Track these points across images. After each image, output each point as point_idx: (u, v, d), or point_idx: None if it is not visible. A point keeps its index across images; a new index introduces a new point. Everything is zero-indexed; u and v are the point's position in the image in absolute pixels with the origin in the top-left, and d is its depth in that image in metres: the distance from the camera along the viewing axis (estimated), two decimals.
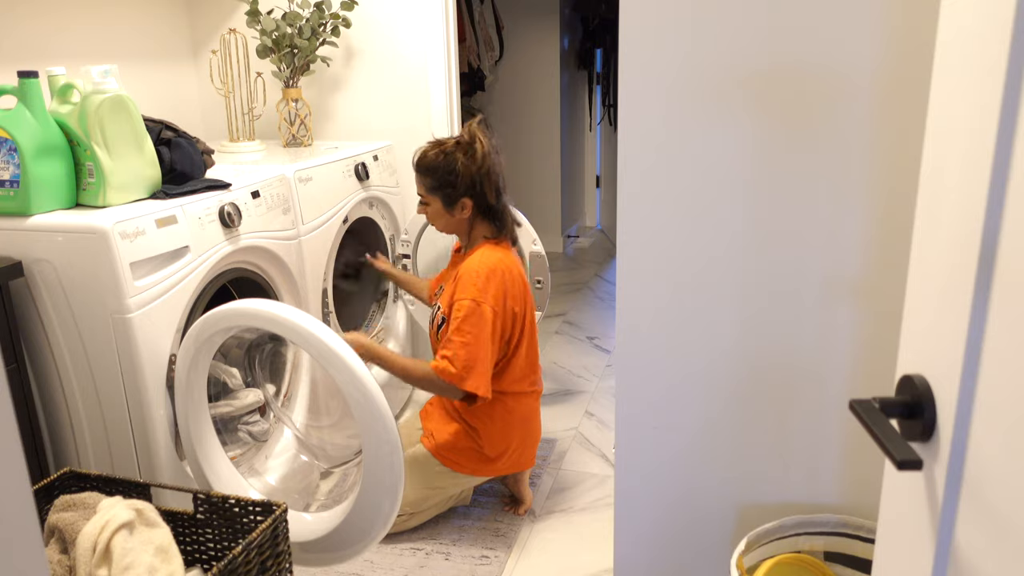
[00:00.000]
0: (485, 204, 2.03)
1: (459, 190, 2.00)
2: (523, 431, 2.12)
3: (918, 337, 0.74)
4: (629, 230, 1.33)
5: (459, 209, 2.03)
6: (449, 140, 2.04)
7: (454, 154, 1.99)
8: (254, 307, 1.61)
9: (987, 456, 0.62)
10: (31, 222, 1.62)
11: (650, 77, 1.25)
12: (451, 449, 2.09)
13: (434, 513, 2.14)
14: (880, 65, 1.15)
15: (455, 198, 2.02)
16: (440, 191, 2.02)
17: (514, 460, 2.13)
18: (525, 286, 2.08)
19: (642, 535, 1.49)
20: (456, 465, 2.08)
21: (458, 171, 1.98)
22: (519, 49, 4.75)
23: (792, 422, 1.34)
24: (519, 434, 2.11)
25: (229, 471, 1.81)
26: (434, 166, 2.00)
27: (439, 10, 2.65)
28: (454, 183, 1.99)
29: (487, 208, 2.04)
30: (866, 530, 1.32)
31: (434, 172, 2.01)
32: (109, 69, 1.68)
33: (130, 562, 1.30)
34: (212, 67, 2.73)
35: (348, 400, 1.56)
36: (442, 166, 1.99)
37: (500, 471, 2.12)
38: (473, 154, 1.98)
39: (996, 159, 0.61)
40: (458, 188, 2.00)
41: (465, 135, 2.02)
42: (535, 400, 2.18)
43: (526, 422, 2.13)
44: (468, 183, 1.99)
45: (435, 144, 2.03)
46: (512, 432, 2.10)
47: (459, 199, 2.02)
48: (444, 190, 2.01)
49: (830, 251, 1.24)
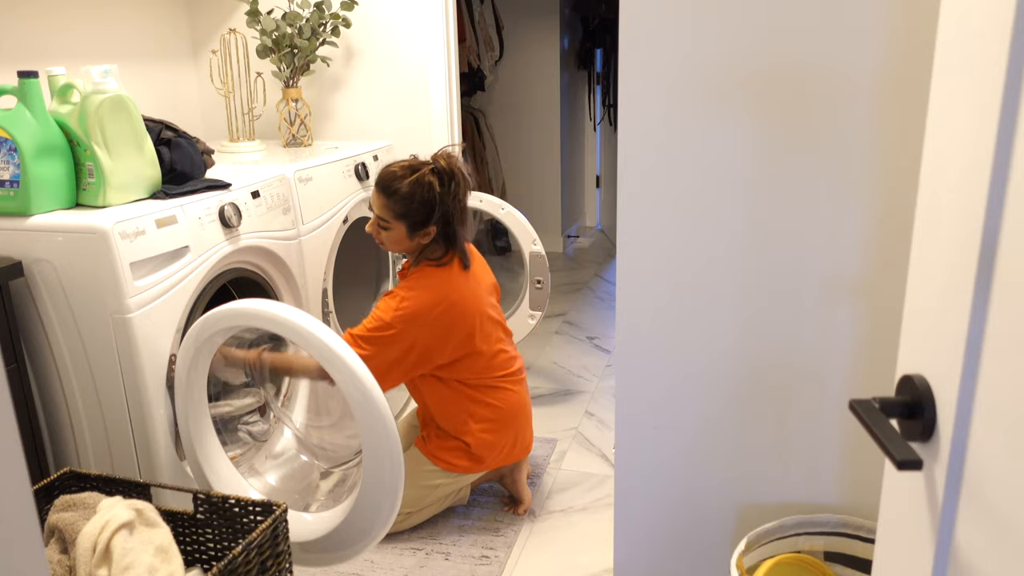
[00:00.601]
0: (448, 231, 1.99)
1: (429, 219, 1.94)
2: (510, 425, 2.12)
3: (918, 337, 0.74)
4: (629, 230, 1.33)
5: (422, 235, 1.97)
6: (423, 166, 1.94)
7: (432, 186, 1.91)
8: (254, 307, 1.61)
9: (987, 456, 0.62)
10: (31, 222, 1.62)
11: (650, 77, 1.25)
12: (441, 448, 2.09)
13: (432, 512, 2.14)
14: (880, 65, 1.15)
15: (422, 225, 1.95)
16: (408, 219, 1.94)
17: (505, 454, 2.13)
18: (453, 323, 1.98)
19: (642, 535, 1.49)
20: (447, 465, 2.09)
21: (435, 204, 1.92)
22: (519, 49, 4.75)
23: (792, 422, 1.34)
24: (506, 429, 2.11)
25: (229, 471, 1.81)
26: (408, 195, 1.91)
27: (439, 10, 2.65)
28: (427, 215, 1.93)
29: (448, 235, 2.00)
30: (866, 530, 1.32)
31: (408, 201, 1.91)
32: (109, 69, 1.68)
33: (130, 562, 1.30)
34: (212, 67, 2.73)
35: (348, 400, 1.56)
36: (418, 197, 1.91)
37: (492, 466, 2.13)
38: (456, 190, 1.94)
39: (996, 159, 0.61)
40: (430, 219, 1.94)
41: (443, 163, 1.95)
42: (517, 390, 2.14)
43: (513, 416, 2.13)
44: (441, 215, 1.94)
45: (407, 169, 1.93)
46: (498, 428, 2.10)
47: (426, 227, 1.96)
48: (412, 219, 1.93)
49: (830, 251, 1.24)
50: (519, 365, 2.19)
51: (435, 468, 2.09)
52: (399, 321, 1.90)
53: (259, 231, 1.97)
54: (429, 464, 2.09)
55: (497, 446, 2.10)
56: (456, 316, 1.97)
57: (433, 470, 2.09)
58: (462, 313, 1.98)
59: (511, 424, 2.13)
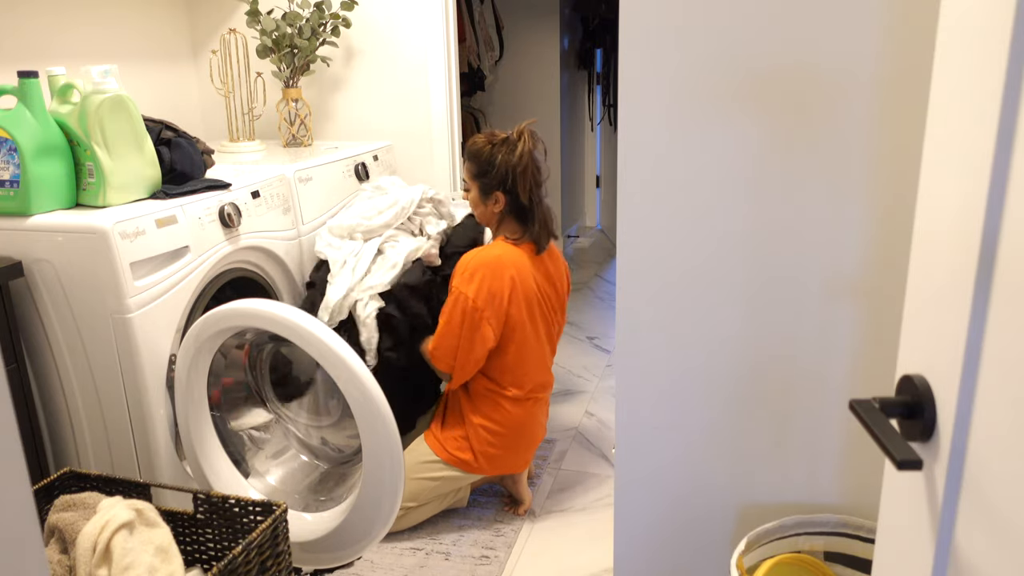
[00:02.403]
0: (517, 203, 2.08)
1: (493, 182, 2.07)
2: (517, 437, 2.12)
3: (918, 337, 0.74)
4: (629, 230, 1.33)
5: (492, 201, 2.09)
6: (500, 135, 2.11)
7: (499, 147, 2.07)
8: (254, 307, 1.61)
9: (987, 456, 0.62)
10: (31, 222, 1.62)
11: (650, 77, 1.25)
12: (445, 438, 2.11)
13: (432, 512, 2.14)
14: (880, 65, 1.15)
15: (490, 189, 2.08)
16: (479, 179, 2.09)
17: (508, 463, 2.13)
18: (529, 290, 2.07)
19: (642, 535, 1.49)
20: (448, 456, 2.09)
21: (496, 163, 2.05)
22: (519, 49, 4.75)
23: (792, 422, 1.35)
24: (512, 439, 2.12)
25: (229, 471, 1.81)
26: (478, 153, 2.08)
27: (439, 10, 2.65)
28: (490, 173, 2.07)
29: (519, 208, 2.09)
30: (866, 530, 1.32)
31: (477, 159, 2.09)
32: (109, 69, 1.68)
33: (130, 562, 1.30)
34: (212, 67, 2.73)
35: (348, 400, 1.56)
36: (484, 155, 2.07)
37: (489, 471, 2.13)
38: (513, 150, 2.05)
39: (996, 159, 0.61)
40: (492, 179, 2.07)
41: (514, 134, 2.09)
42: (532, 408, 2.15)
43: (521, 428, 2.13)
44: (502, 176, 2.05)
45: (488, 135, 2.12)
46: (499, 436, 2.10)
47: (493, 191, 2.08)
48: (482, 178, 2.09)
49: (830, 251, 1.24)
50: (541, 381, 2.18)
51: (435, 459, 2.09)
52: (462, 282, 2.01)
53: (259, 231, 1.97)
54: (430, 454, 2.10)
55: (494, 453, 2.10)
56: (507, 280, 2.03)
57: (433, 461, 2.09)
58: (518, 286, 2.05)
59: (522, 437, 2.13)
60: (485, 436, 2.08)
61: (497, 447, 2.10)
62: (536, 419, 2.18)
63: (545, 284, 2.15)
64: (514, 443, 2.12)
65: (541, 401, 2.20)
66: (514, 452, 2.13)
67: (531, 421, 2.16)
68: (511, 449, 2.12)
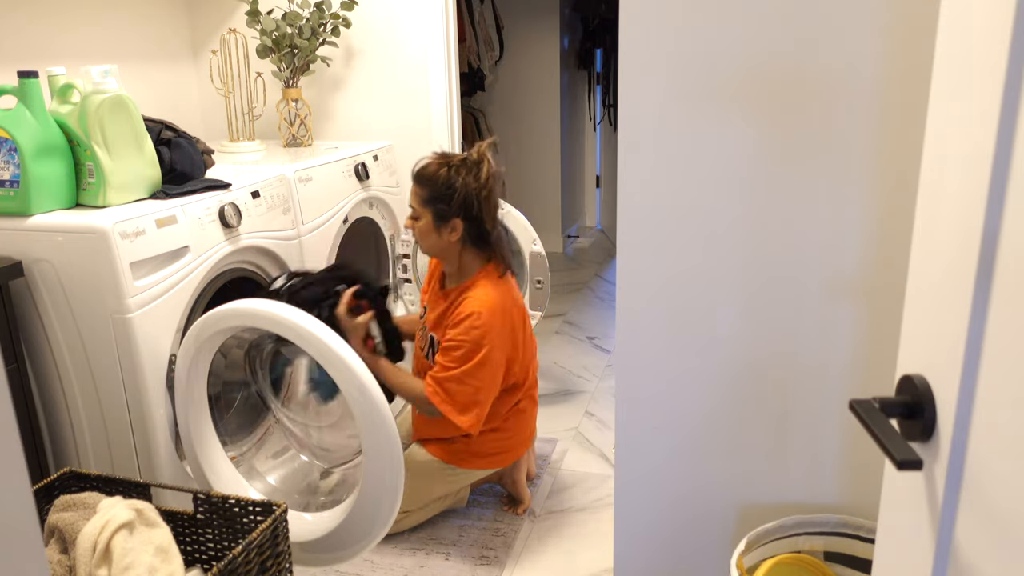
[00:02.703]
0: (477, 230, 1.93)
1: (453, 208, 1.89)
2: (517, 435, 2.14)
3: (918, 337, 0.74)
4: (629, 230, 1.33)
5: (448, 230, 1.92)
6: (456, 156, 1.94)
7: (457, 168, 1.90)
8: (254, 307, 1.61)
9: (987, 456, 0.62)
10: (31, 222, 1.62)
11: (650, 77, 1.25)
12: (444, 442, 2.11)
13: (431, 513, 2.14)
14: (880, 65, 1.15)
15: (447, 216, 1.90)
16: (433, 205, 1.91)
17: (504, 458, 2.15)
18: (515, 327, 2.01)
19: (642, 535, 1.49)
20: (447, 455, 2.09)
21: (456, 187, 1.88)
22: (519, 49, 4.75)
23: (792, 422, 1.34)
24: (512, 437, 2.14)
25: (229, 471, 1.81)
26: (433, 177, 1.90)
27: (439, 10, 2.65)
28: (449, 199, 1.89)
29: (478, 235, 1.94)
30: (866, 530, 1.32)
31: (432, 183, 1.90)
32: (109, 69, 1.68)
33: (130, 562, 1.30)
34: (212, 67, 2.73)
35: (348, 400, 1.56)
36: (441, 178, 1.89)
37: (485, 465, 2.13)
38: (477, 173, 1.89)
39: (996, 159, 0.61)
40: (452, 206, 1.89)
41: (474, 154, 1.93)
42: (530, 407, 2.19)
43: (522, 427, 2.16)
44: (463, 203, 1.89)
45: (440, 156, 1.94)
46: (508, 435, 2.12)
47: (451, 218, 1.91)
48: (437, 205, 1.90)
49: (830, 251, 1.24)
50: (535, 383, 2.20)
51: (432, 459, 2.09)
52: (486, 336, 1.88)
53: (259, 231, 1.97)
54: (427, 457, 2.10)
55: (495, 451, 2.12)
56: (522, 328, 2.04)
57: (431, 462, 2.09)
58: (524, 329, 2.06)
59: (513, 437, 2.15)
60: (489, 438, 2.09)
61: (499, 445, 2.11)
62: (532, 414, 2.21)
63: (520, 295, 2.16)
64: (514, 437, 2.14)
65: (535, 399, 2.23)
66: (514, 446, 2.15)
67: (529, 417, 2.19)
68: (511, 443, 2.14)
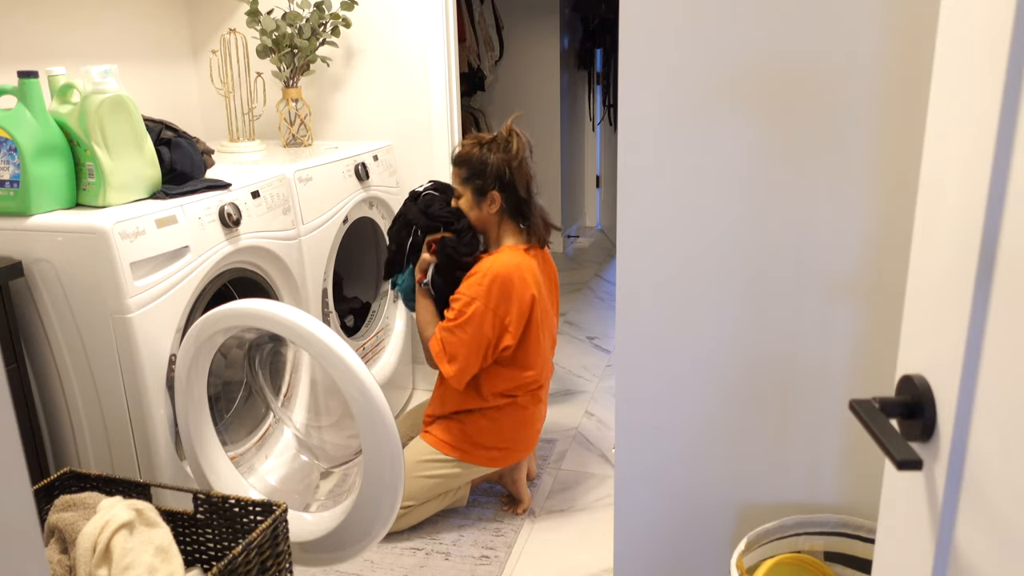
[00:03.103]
0: (514, 200, 2.07)
1: (488, 181, 2.05)
2: (516, 433, 2.13)
3: (918, 337, 0.74)
4: (629, 230, 1.33)
5: (488, 202, 2.07)
6: (487, 136, 2.10)
7: (488, 146, 2.06)
8: (254, 307, 1.61)
9: (987, 456, 0.62)
10: (31, 222, 1.62)
11: (650, 77, 1.25)
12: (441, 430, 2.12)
13: (431, 512, 2.14)
14: (880, 65, 1.15)
15: (484, 190, 2.06)
16: (471, 182, 2.07)
17: (505, 457, 2.14)
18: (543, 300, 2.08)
19: (642, 535, 1.49)
20: (444, 446, 2.10)
21: (489, 162, 2.04)
22: (519, 49, 4.75)
23: (792, 422, 1.34)
24: (512, 436, 2.13)
25: (229, 471, 1.81)
26: (468, 156, 2.07)
27: (439, 10, 2.65)
28: (484, 174, 2.05)
29: (515, 206, 2.08)
30: (866, 530, 1.32)
31: (468, 163, 2.07)
32: (109, 69, 1.68)
33: (130, 562, 1.30)
34: (212, 67, 2.73)
35: (348, 400, 1.56)
36: (475, 157, 2.06)
37: (490, 465, 2.13)
38: (508, 148, 2.05)
39: (996, 159, 0.61)
40: (488, 180, 2.05)
41: (503, 131, 2.08)
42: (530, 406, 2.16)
43: (522, 424, 2.14)
44: (497, 175, 2.04)
45: (473, 138, 2.11)
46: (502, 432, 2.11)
47: (488, 191, 2.06)
48: (475, 181, 2.07)
49: (830, 251, 1.24)
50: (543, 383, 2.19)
51: (431, 450, 2.11)
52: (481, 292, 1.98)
53: (259, 231, 1.97)
54: (429, 451, 2.11)
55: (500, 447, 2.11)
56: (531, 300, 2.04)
57: (430, 456, 2.10)
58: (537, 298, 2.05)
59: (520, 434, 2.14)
60: (486, 428, 2.09)
61: (497, 441, 2.11)
62: (537, 415, 2.19)
63: (548, 286, 2.16)
64: (515, 436, 2.13)
65: (543, 401, 2.21)
66: (515, 446, 2.14)
67: (532, 418, 2.17)
68: (511, 443, 2.13)
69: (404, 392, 2.87)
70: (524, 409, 2.14)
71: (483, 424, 2.10)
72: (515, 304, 2.00)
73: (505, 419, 2.11)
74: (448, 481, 2.12)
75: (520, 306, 2.01)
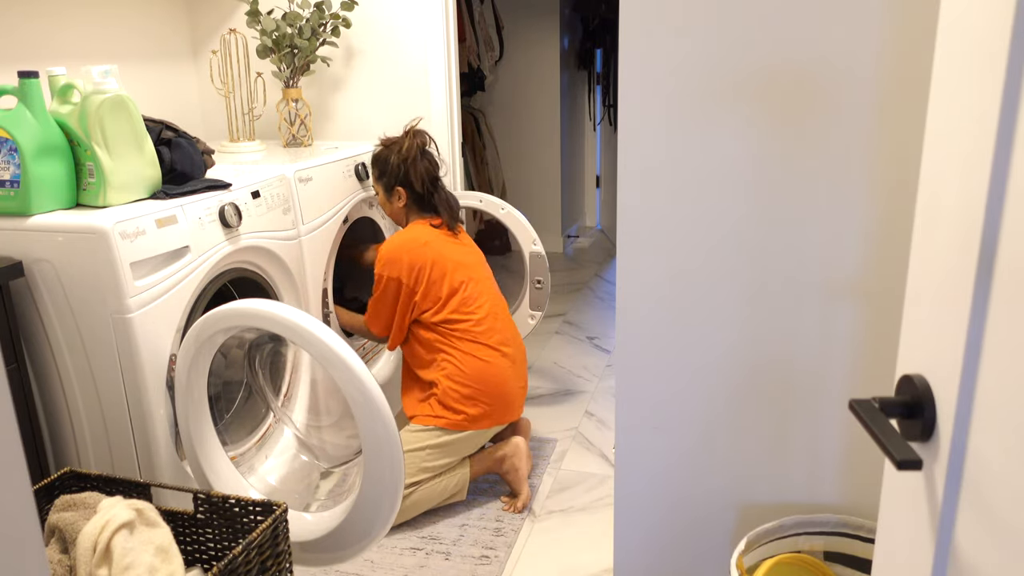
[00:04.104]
0: (416, 194, 2.30)
1: (391, 179, 2.31)
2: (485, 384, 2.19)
3: (918, 337, 0.74)
4: (629, 230, 1.33)
5: (396, 197, 2.32)
6: (395, 137, 2.35)
7: (391, 147, 2.31)
8: (254, 307, 1.61)
9: (987, 456, 0.62)
10: (31, 222, 1.62)
11: (650, 77, 1.25)
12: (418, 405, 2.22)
13: (431, 503, 2.15)
14: (880, 65, 1.15)
15: (390, 186, 2.32)
16: (380, 180, 2.34)
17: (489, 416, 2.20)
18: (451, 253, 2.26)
19: (642, 535, 1.49)
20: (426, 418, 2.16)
21: (390, 162, 2.30)
22: (519, 49, 4.75)
23: (792, 422, 1.35)
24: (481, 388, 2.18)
25: (229, 471, 1.81)
26: (376, 157, 2.34)
27: (439, 10, 2.65)
28: (387, 172, 2.31)
29: (418, 197, 2.31)
30: (866, 530, 1.32)
31: (376, 162, 2.34)
32: (109, 69, 1.68)
33: (130, 562, 1.30)
34: (212, 67, 2.73)
35: (348, 400, 1.56)
36: (381, 157, 2.33)
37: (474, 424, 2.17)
38: (399, 148, 2.29)
39: (996, 159, 0.61)
40: (391, 177, 2.31)
41: (403, 132, 2.33)
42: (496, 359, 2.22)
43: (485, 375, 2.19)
44: (395, 172, 2.29)
45: (384, 140, 2.35)
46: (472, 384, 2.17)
47: (393, 187, 2.31)
48: (382, 179, 2.33)
49: (830, 251, 1.24)
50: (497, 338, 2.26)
51: (414, 426, 2.17)
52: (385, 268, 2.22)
53: (259, 231, 1.97)
54: (410, 427, 2.17)
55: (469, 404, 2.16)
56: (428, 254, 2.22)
57: (414, 430, 2.16)
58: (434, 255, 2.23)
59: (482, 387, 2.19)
60: (451, 387, 2.16)
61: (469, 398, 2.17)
62: (502, 369, 2.24)
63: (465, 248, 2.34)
64: (485, 391, 2.19)
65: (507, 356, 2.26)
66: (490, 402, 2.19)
67: (497, 370, 2.22)
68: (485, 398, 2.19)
69: None
70: (483, 361, 2.19)
71: (447, 385, 2.17)
72: (408, 262, 2.20)
73: (464, 374, 2.17)
74: (438, 451, 2.14)
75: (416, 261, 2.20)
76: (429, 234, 2.27)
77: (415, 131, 2.32)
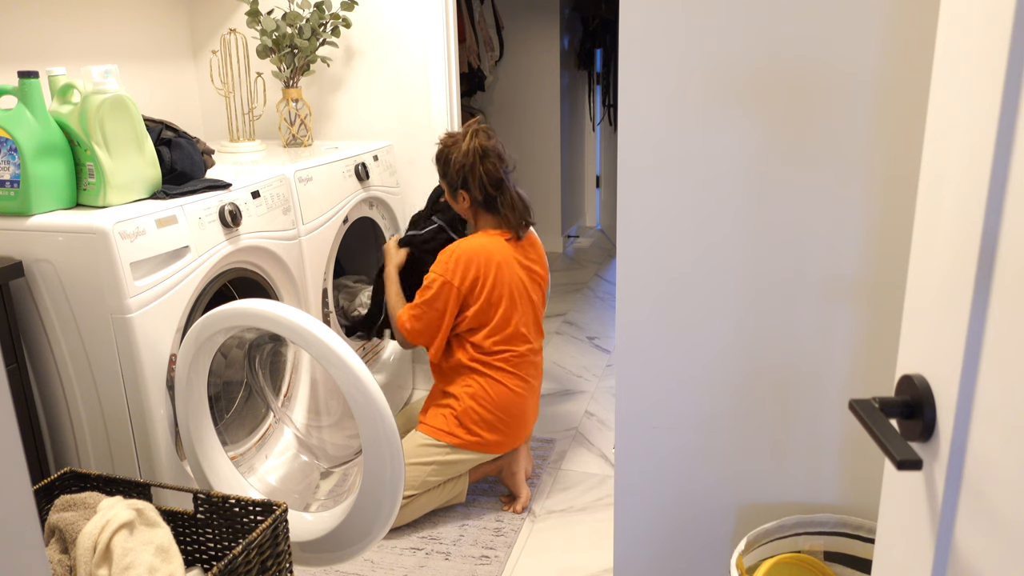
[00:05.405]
0: (482, 197, 2.14)
1: (452, 182, 2.17)
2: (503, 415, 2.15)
3: (918, 337, 0.74)
4: (629, 230, 1.33)
5: (460, 199, 2.18)
6: (455, 134, 2.19)
7: (451, 147, 2.16)
8: (254, 307, 1.61)
9: (987, 456, 0.62)
10: (31, 222, 1.62)
11: (650, 77, 1.25)
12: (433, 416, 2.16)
13: (431, 506, 2.15)
14: (880, 66, 1.15)
15: (454, 188, 2.18)
16: (445, 179, 2.20)
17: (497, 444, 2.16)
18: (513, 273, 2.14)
19: (642, 535, 1.49)
20: (437, 432, 2.13)
21: (451, 163, 2.15)
22: (519, 49, 4.75)
23: (792, 422, 1.35)
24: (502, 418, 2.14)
25: (229, 471, 1.81)
26: (438, 154, 2.20)
27: (439, 10, 2.65)
28: (448, 173, 2.17)
29: (484, 202, 2.15)
30: (866, 530, 1.32)
31: (438, 160, 2.20)
32: (109, 69, 1.68)
33: (130, 562, 1.30)
34: (212, 67, 2.73)
35: (348, 400, 1.56)
36: (443, 156, 2.18)
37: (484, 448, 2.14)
38: (459, 150, 2.13)
39: (996, 159, 0.61)
40: (452, 179, 2.16)
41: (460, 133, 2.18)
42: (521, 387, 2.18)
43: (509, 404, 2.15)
44: (455, 178, 2.15)
45: (447, 135, 2.21)
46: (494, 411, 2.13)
47: (456, 190, 2.17)
48: (445, 179, 2.20)
49: (830, 251, 1.24)
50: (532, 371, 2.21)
51: (425, 437, 2.13)
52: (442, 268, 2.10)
53: (259, 231, 1.97)
54: (420, 438, 2.13)
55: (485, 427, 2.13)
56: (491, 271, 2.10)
57: (423, 442, 2.12)
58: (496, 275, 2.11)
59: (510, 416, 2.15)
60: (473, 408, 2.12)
61: (489, 423, 2.13)
62: (526, 399, 2.20)
63: (529, 267, 2.22)
64: (506, 420, 2.15)
65: (533, 387, 2.22)
66: (507, 431, 2.16)
67: (522, 400, 2.18)
68: (504, 426, 2.15)
69: (404, 392, 2.87)
70: (512, 392, 2.15)
71: (469, 405, 2.12)
72: (473, 274, 2.08)
73: (491, 399, 2.13)
74: (443, 469, 2.12)
75: (479, 276, 2.08)
76: (497, 247, 2.13)
77: (475, 130, 2.15)
